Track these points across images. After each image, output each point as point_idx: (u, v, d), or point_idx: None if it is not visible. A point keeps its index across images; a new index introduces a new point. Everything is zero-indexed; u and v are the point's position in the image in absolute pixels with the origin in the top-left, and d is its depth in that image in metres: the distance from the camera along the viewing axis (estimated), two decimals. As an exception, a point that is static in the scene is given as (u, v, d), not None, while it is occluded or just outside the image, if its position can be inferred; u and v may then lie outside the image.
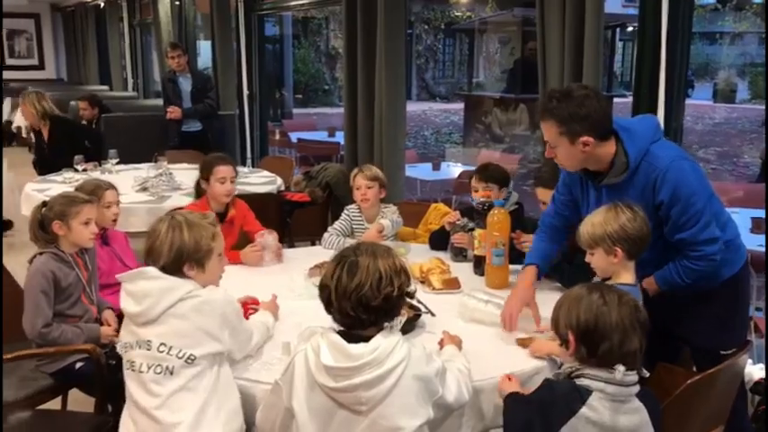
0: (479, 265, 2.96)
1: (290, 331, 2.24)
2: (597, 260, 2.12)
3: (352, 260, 1.75)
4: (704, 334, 2.39)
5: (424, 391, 1.74)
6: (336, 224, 3.58)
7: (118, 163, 5.35)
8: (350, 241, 3.39)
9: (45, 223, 2.67)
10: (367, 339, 1.72)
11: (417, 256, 3.11)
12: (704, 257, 2.24)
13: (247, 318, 2.29)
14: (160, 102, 7.18)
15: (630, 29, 16.44)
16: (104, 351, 2.54)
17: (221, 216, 3.30)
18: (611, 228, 2.07)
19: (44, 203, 2.73)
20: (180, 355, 1.90)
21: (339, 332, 1.75)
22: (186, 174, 4.70)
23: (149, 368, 1.92)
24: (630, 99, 3.65)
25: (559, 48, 3.58)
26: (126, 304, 1.99)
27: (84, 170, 5.05)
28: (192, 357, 1.91)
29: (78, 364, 2.63)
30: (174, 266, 1.99)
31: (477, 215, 2.95)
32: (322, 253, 3.23)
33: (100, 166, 5.25)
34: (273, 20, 15.99)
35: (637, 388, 1.72)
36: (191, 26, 8.58)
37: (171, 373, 1.91)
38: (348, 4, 5.21)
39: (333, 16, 19.67)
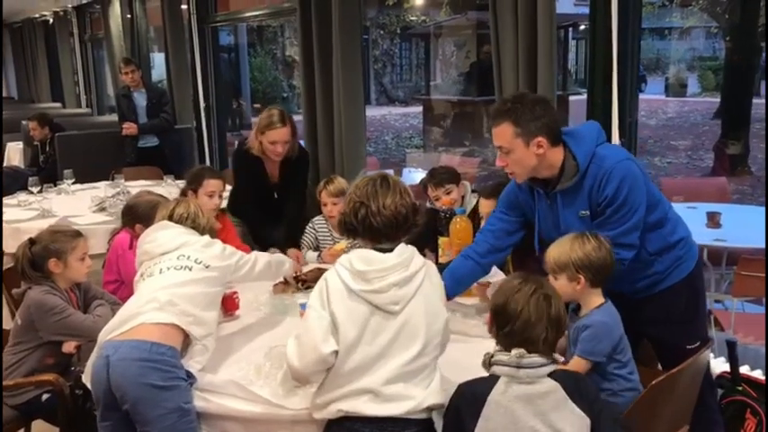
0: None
1: (259, 350, 2.24)
2: (561, 286, 2.12)
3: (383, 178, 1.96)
4: (670, 330, 2.42)
5: (440, 294, 1.96)
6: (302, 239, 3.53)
7: (74, 183, 5.24)
8: (312, 254, 3.37)
9: (38, 262, 2.58)
10: (390, 251, 1.88)
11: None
12: (617, 259, 2.23)
13: (235, 307, 2.62)
14: (115, 118, 7.05)
15: (583, 27, 16.68)
16: (68, 384, 2.48)
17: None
18: (576, 255, 2.12)
19: (31, 240, 2.63)
20: (198, 260, 2.21)
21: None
22: (145, 191, 4.61)
23: (168, 268, 2.18)
24: (585, 96, 3.70)
25: (513, 49, 3.60)
26: (144, 249, 2.29)
27: (40, 191, 4.94)
28: (207, 264, 2.22)
29: (44, 396, 2.56)
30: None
31: (440, 224, 2.95)
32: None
33: (55, 186, 5.14)
34: (228, 29, 15.85)
35: (547, 369, 1.78)
36: (143, 39, 8.44)
37: (189, 270, 2.18)
38: (302, 13, 5.18)
39: (288, 24, 19.56)
